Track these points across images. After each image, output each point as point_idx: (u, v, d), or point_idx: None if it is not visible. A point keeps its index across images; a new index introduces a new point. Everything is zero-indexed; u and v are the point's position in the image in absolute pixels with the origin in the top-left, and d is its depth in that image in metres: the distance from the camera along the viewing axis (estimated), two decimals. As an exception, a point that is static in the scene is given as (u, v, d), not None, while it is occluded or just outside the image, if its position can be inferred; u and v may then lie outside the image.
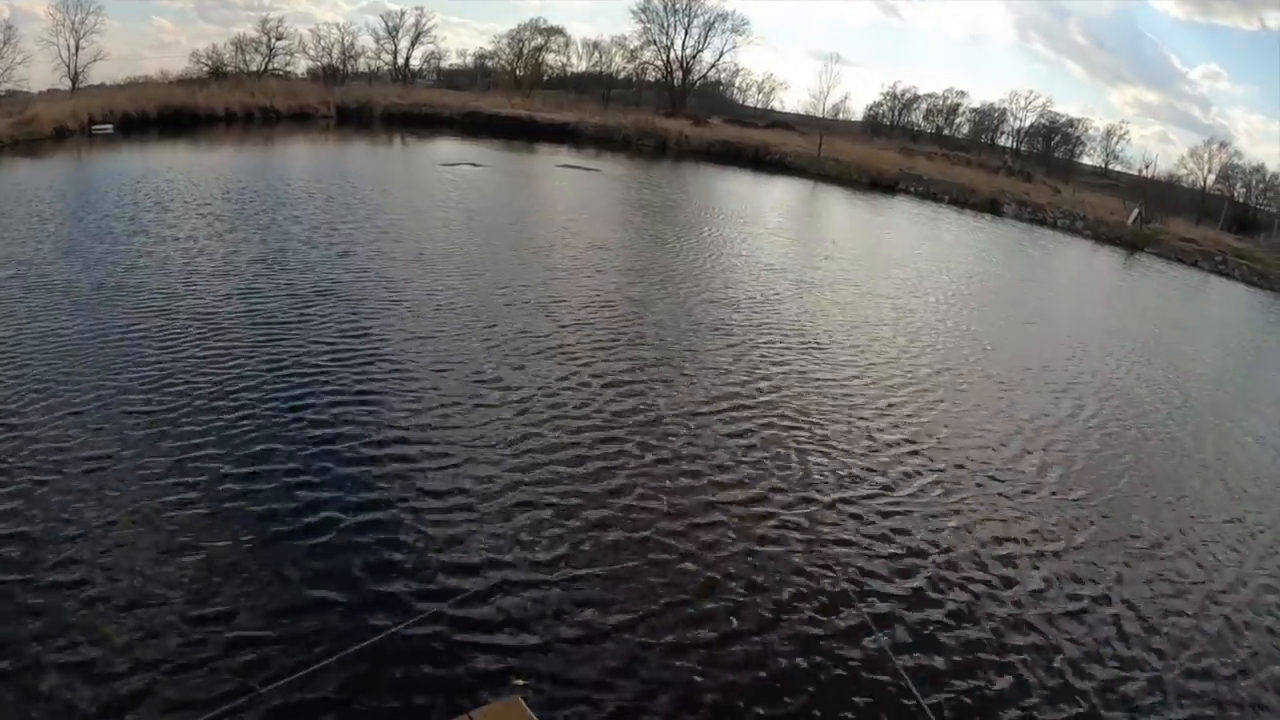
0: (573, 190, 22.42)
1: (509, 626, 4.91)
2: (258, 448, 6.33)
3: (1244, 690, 5.46)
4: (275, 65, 40.25)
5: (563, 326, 9.79)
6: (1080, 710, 4.94)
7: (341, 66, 41.85)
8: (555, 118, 37.63)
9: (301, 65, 42.40)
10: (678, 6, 54.18)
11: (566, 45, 54.03)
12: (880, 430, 8.51)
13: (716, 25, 55.61)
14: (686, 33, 54.26)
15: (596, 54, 54.43)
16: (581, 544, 5.81)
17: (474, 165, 23.46)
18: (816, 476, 7.31)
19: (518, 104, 39.07)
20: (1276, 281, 35.83)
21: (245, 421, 6.69)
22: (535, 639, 4.83)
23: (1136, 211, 43.11)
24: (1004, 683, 5.06)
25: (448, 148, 28.20)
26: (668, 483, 6.84)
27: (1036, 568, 6.45)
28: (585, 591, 5.35)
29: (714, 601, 5.44)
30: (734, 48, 63.04)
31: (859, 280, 15.24)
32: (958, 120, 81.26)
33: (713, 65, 55.32)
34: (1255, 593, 6.84)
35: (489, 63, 51.59)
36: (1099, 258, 31.13)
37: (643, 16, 54.79)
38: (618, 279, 12.43)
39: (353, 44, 44.84)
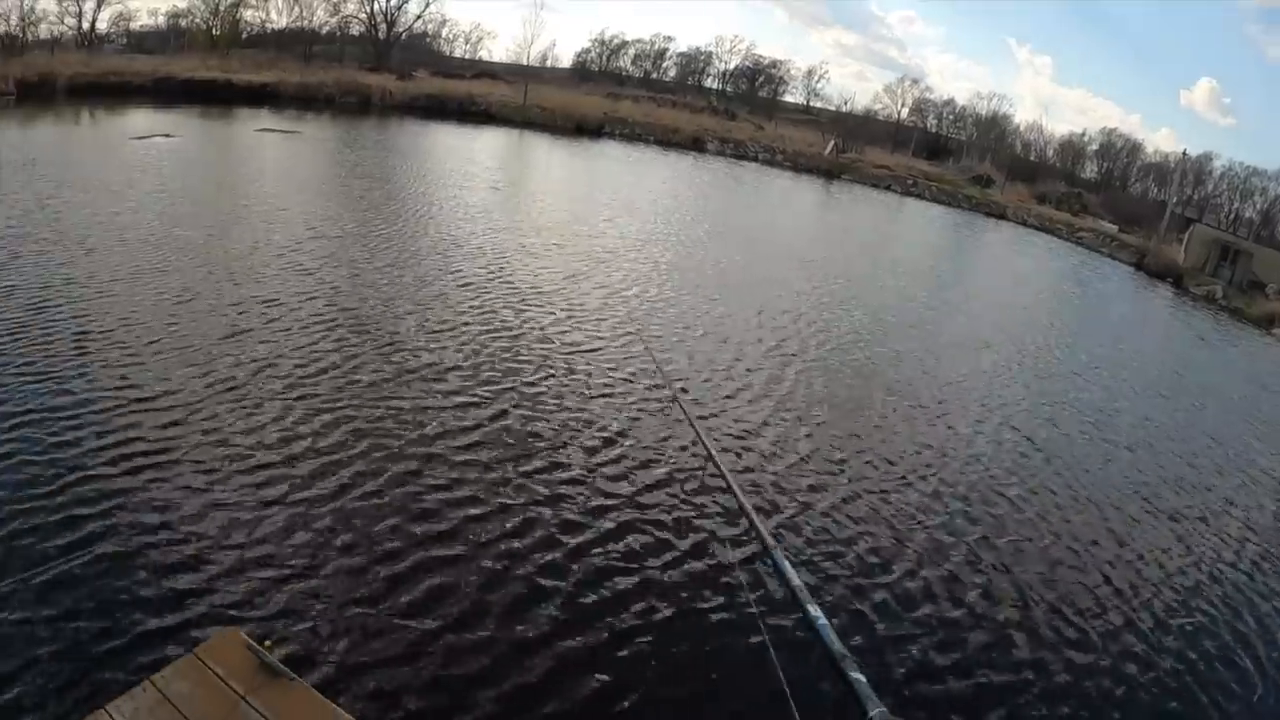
0: (274, 157, 24.76)
1: (221, 563, 5.39)
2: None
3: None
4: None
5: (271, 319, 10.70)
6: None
7: (21, 35, 37.78)
8: (254, 79, 38.03)
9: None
10: (381, -44, 54.26)
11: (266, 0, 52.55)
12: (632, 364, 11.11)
13: (422, -24, 56.47)
14: (391, -16, 54.72)
15: (298, 8, 53.60)
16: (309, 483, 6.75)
17: (167, 136, 24.71)
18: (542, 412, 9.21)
19: (213, 66, 38.88)
20: (962, 199, 47.20)
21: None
22: (254, 576, 5.34)
23: (833, 143, 51.46)
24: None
25: (140, 119, 28.46)
26: (404, 428, 8.12)
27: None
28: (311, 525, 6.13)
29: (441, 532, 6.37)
30: (440, -1, 63.76)
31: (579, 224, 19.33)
32: (665, 64, 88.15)
33: (418, 16, 56.87)
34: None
35: (183, 21, 49.16)
36: (800, 185, 38.15)
37: (345, -33, 54.25)
38: (330, 258, 13.51)
39: (33, 7, 40.67)
